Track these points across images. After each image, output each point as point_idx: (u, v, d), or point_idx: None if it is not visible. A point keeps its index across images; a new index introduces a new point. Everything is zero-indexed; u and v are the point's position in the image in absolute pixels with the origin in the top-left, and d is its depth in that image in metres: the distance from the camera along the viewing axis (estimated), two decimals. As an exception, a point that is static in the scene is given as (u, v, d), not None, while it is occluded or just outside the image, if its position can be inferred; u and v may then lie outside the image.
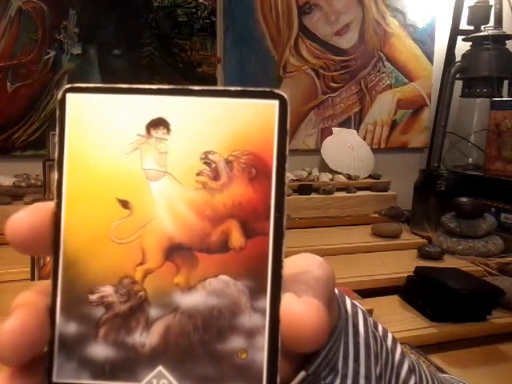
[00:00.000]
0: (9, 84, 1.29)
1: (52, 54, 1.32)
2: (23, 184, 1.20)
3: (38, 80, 1.31)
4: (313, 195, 1.40)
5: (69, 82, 0.19)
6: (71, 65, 1.34)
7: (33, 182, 1.21)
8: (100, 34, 1.36)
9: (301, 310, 0.18)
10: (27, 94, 1.31)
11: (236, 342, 0.18)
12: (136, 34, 1.39)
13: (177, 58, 1.43)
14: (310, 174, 1.48)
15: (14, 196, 1.17)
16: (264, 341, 0.18)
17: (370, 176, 1.56)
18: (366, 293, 0.89)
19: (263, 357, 0.18)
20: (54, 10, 1.31)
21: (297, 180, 1.45)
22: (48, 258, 0.86)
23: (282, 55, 1.53)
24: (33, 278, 0.84)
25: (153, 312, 0.18)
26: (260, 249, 0.18)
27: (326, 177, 1.48)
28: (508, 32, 1.48)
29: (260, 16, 1.49)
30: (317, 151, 1.58)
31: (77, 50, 1.34)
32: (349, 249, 1.17)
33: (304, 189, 1.40)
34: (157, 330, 0.18)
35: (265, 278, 0.18)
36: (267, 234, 0.18)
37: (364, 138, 1.66)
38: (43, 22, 1.30)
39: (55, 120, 0.18)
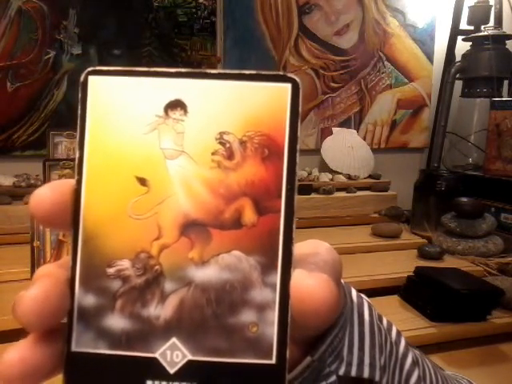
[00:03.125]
0: (9, 84, 1.29)
1: (52, 54, 1.32)
2: (23, 184, 1.20)
3: (38, 80, 1.31)
4: (313, 195, 1.40)
5: (69, 83, 0.19)
6: (71, 65, 1.34)
7: (33, 182, 1.21)
8: (100, 34, 1.36)
9: (311, 283, 0.18)
10: (27, 93, 1.31)
11: (247, 316, 0.19)
12: (136, 34, 1.39)
13: (177, 58, 1.43)
14: (310, 173, 1.48)
15: (14, 196, 1.16)
16: (274, 315, 0.18)
17: (370, 176, 1.56)
18: (366, 293, 0.87)
19: (273, 331, 0.18)
20: (54, 10, 1.31)
21: (297, 180, 1.44)
22: (48, 258, 0.86)
23: (282, 55, 1.54)
24: (33, 278, 0.84)
25: (168, 285, 0.19)
26: (271, 226, 0.19)
27: (326, 177, 1.48)
28: (508, 32, 1.48)
29: (260, 16, 1.49)
30: (317, 151, 1.58)
31: (77, 50, 1.34)
32: (349, 249, 1.17)
33: (304, 189, 1.40)
34: (171, 303, 0.19)
35: (276, 254, 0.19)
36: (279, 211, 0.19)
37: (364, 138, 1.66)
38: (43, 22, 1.30)
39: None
